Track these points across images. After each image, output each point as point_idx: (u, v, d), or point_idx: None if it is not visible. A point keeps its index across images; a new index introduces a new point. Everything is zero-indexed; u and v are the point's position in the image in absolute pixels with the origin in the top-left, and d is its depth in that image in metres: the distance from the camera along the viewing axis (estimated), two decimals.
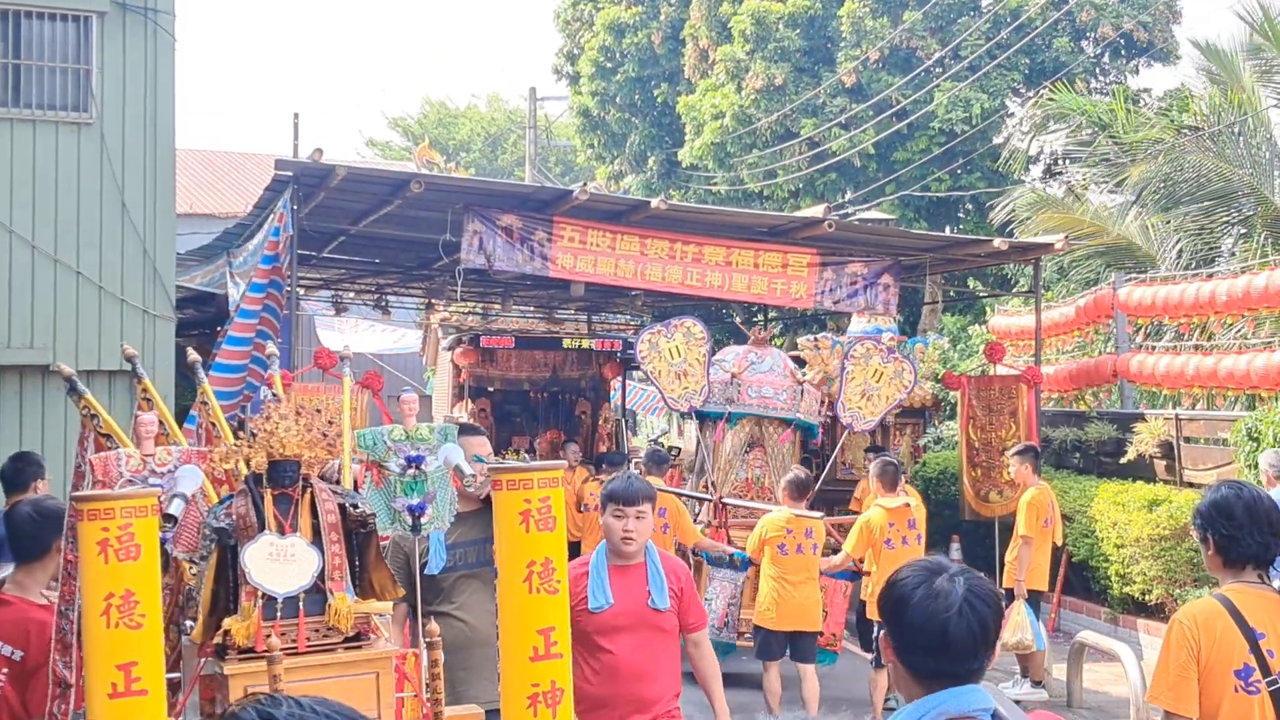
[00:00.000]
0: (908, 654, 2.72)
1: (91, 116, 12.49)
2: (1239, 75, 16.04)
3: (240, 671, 3.23)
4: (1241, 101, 15.51)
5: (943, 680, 2.67)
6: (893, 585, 2.78)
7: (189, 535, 3.57)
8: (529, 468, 3.33)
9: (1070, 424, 14.62)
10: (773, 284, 13.49)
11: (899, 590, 2.75)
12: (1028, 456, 11.05)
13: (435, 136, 47.43)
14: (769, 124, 22.98)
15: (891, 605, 2.77)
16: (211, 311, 15.76)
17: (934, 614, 2.67)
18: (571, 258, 12.79)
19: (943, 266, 17.17)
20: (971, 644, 2.67)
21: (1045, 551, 10.71)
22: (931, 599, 2.69)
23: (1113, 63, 22.64)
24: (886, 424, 16.67)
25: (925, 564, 2.81)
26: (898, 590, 2.76)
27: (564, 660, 3.31)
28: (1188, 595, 11.11)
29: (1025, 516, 10.60)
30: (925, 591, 2.70)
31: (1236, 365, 12.19)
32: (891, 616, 2.77)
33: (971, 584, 2.73)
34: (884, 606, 2.81)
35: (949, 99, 20.99)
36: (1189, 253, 15.71)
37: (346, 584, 3.42)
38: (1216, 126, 15.27)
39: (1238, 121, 15.41)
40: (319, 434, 3.38)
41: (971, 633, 2.67)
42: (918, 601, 2.70)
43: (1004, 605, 3.58)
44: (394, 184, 12.70)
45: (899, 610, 2.73)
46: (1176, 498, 11.68)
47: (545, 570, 3.28)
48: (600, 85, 27.12)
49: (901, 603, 2.73)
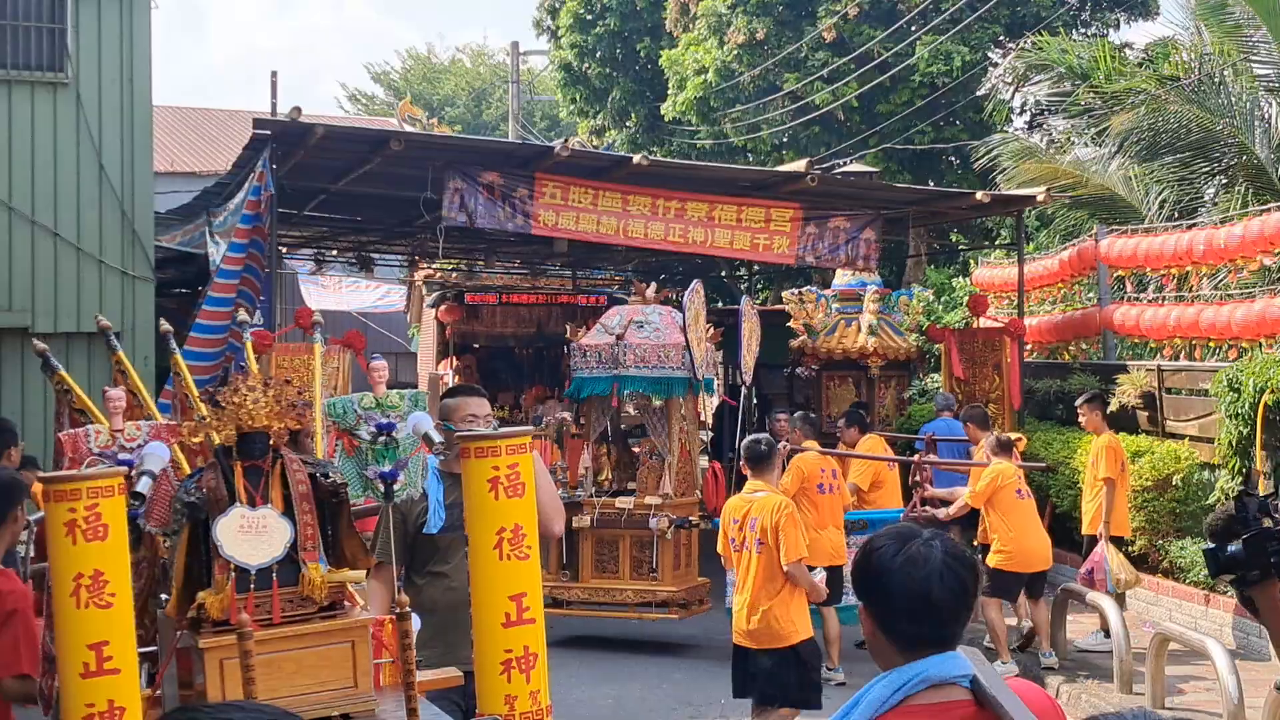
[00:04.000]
0: (890, 622, 2.72)
1: (67, 76, 12.40)
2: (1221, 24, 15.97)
3: (215, 645, 3.24)
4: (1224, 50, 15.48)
5: (924, 647, 2.68)
6: (869, 555, 2.77)
7: (161, 509, 3.56)
8: (496, 435, 3.33)
9: (1053, 375, 14.67)
10: (755, 239, 13.47)
11: (877, 559, 2.74)
12: (1096, 404, 11.11)
13: (419, 91, 47.15)
14: (751, 78, 22.85)
15: (870, 575, 2.76)
16: (192, 271, 15.71)
17: (915, 579, 2.67)
18: (554, 214, 12.76)
19: (926, 219, 17.18)
20: (953, 606, 2.68)
21: (1125, 497, 10.76)
22: (911, 564, 2.69)
23: (1094, 15, 22.54)
24: (872, 377, 16.74)
25: (897, 531, 2.82)
26: (875, 559, 2.75)
27: (536, 625, 3.32)
28: (1170, 546, 11.20)
29: (1106, 460, 10.56)
30: (904, 558, 2.70)
31: (1218, 316, 12.22)
32: (871, 587, 2.76)
33: (947, 547, 2.74)
34: (862, 578, 2.79)
35: (930, 52, 20.88)
36: (1171, 203, 15.70)
37: (320, 554, 3.41)
38: (1198, 77, 15.22)
39: (1219, 71, 15.38)
40: (289, 404, 3.37)
41: (954, 595, 2.68)
42: (898, 568, 2.69)
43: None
44: (374, 142, 12.66)
45: (879, 579, 2.73)
46: (1159, 449, 11.73)
47: (515, 537, 3.29)
48: (580, 39, 26.91)
49: (881, 571, 2.72)
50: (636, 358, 10.80)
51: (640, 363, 10.82)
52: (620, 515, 10.87)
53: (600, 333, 11.14)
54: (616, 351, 10.79)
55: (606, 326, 11.13)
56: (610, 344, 10.84)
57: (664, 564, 10.94)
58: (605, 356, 10.87)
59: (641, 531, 10.91)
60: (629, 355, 10.80)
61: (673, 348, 10.93)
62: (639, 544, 11.00)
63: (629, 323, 11.01)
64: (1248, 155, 14.65)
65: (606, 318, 11.37)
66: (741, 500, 7.83)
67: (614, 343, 10.80)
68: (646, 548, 10.98)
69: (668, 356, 10.90)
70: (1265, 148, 14.64)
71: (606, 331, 11.01)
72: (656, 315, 11.26)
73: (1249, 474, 10.31)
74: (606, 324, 11.19)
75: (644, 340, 10.90)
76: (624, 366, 10.80)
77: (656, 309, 11.46)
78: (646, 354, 10.83)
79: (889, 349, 16.60)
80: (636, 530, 10.93)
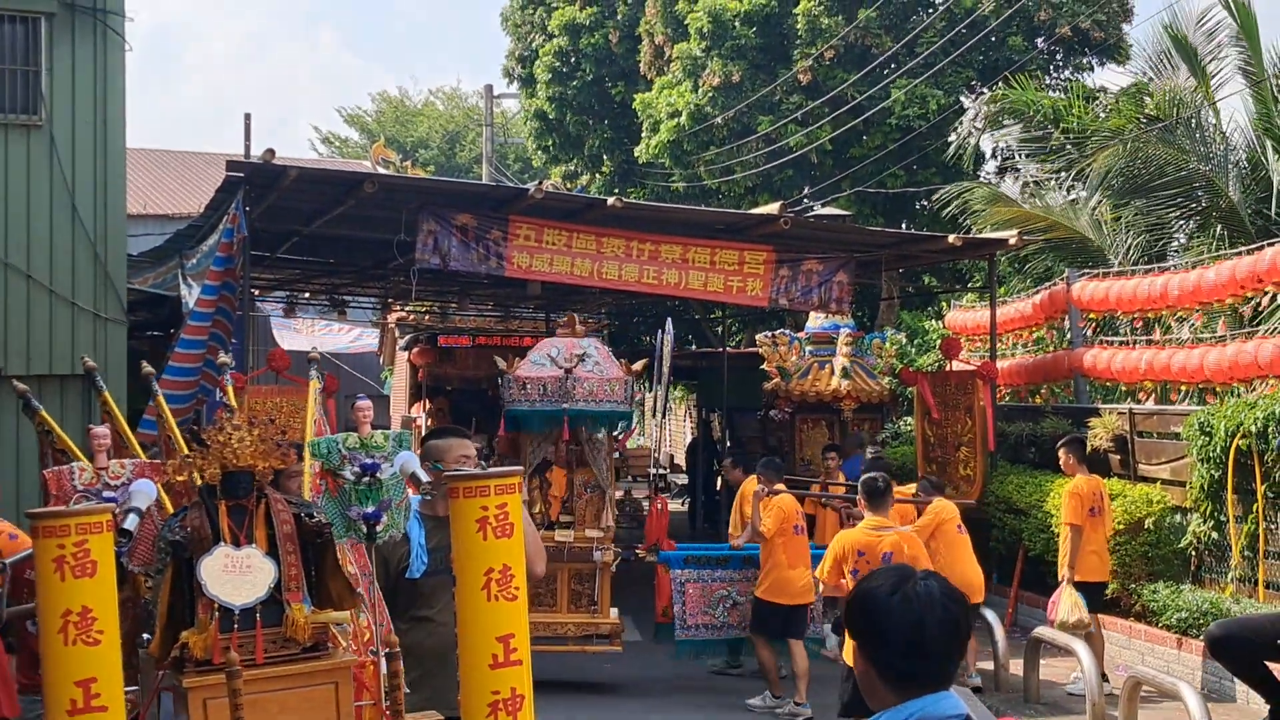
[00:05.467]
0: (885, 661, 2.72)
1: (41, 118, 12.37)
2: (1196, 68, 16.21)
3: (199, 684, 3.21)
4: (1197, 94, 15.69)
5: (919, 686, 2.68)
6: (864, 594, 2.78)
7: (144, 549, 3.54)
8: (485, 474, 3.33)
9: (1025, 419, 14.73)
10: (728, 282, 13.49)
11: (873, 598, 2.75)
12: (1073, 447, 11.22)
13: (393, 134, 47.25)
14: (726, 121, 23.00)
15: (866, 614, 2.75)
16: (165, 313, 15.63)
17: (911, 618, 2.68)
18: (527, 257, 12.75)
19: (899, 263, 17.26)
20: (948, 645, 2.70)
21: (1094, 541, 10.74)
22: (907, 603, 2.69)
23: (1067, 60, 22.80)
24: (845, 420, 16.79)
25: (892, 571, 2.83)
26: (872, 599, 2.75)
27: (524, 667, 3.31)
28: (1143, 590, 11.23)
29: (1068, 505, 10.72)
30: (900, 596, 2.71)
31: (1189, 359, 12.32)
32: (867, 625, 2.76)
33: (942, 586, 2.75)
34: (858, 617, 2.79)
35: (904, 95, 21.09)
36: (1141, 248, 15.85)
37: (304, 594, 3.40)
38: (1172, 119, 15.40)
39: (1193, 114, 15.57)
40: (273, 444, 3.36)
41: (948, 633, 2.69)
42: (895, 607, 2.70)
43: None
44: (347, 184, 12.63)
45: (875, 618, 2.73)
46: (1131, 492, 11.78)
47: (504, 577, 3.28)
48: (557, 90, 27.07)
49: (877, 609, 2.73)
50: (586, 391, 10.82)
51: (590, 396, 10.84)
52: (562, 549, 10.81)
53: (542, 365, 10.99)
54: (567, 384, 10.77)
55: (554, 359, 11.03)
56: (558, 376, 10.80)
57: (603, 597, 10.95)
58: (552, 389, 10.82)
59: (583, 564, 10.90)
60: (579, 388, 10.80)
61: (616, 381, 10.99)
62: (578, 577, 10.99)
63: (573, 356, 10.99)
64: (1221, 197, 14.81)
65: (543, 350, 11.23)
66: (866, 534, 8.25)
67: (562, 375, 10.79)
68: (586, 581, 10.98)
69: (613, 390, 10.95)
70: (1238, 190, 14.81)
71: (555, 364, 10.93)
72: (594, 348, 11.27)
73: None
74: (552, 356, 11.06)
75: (591, 374, 10.89)
76: (574, 400, 10.78)
77: (592, 342, 11.47)
78: (595, 388, 10.85)
79: (862, 392, 16.67)
80: (577, 563, 10.91)
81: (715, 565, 11.03)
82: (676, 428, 37.72)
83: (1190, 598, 10.59)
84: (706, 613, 10.97)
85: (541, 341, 11.60)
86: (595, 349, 11.25)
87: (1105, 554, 10.92)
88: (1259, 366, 11.25)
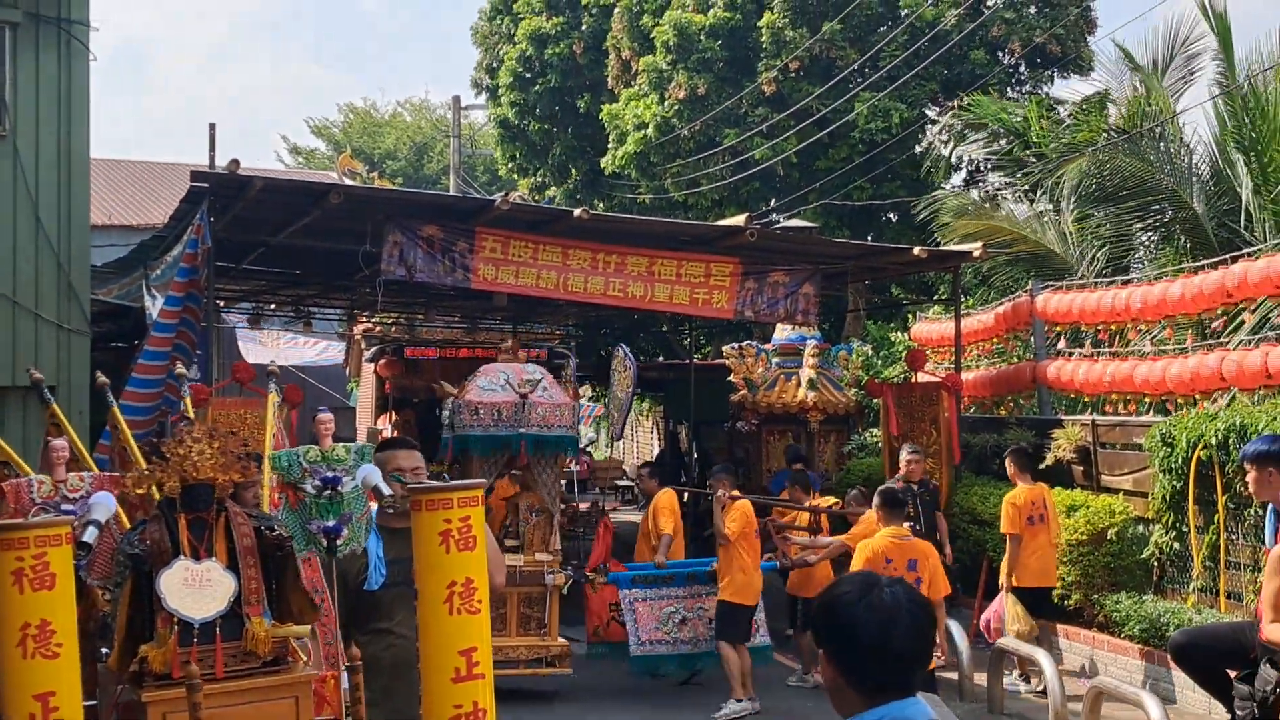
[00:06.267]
0: (854, 668, 2.74)
1: (4, 128, 12.29)
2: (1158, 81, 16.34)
3: (158, 698, 3.19)
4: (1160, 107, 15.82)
5: (887, 692, 2.71)
6: (832, 602, 2.80)
7: (103, 562, 3.52)
8: (449, 487, 3.32)
9: (990, 430, 14.78)
10: (694, 294, 13.51)
11: (841, 606, 2.77)
12: (1015, 457, 11.50)
13: (360, 145, 47.13)
14: (692, 134, 23.06)
15: (834, 621, 2.77)
16: (129, 325, 15.53)
17: (880, 624, 2.70)
18: (493, 268, 12.74)
19: (865, 274, 17.32)
20: (915, 651, 2.73)
21: (1036, 548, 10.94)
22: (875, 610, 2.72)
23: (1029, 73, 22.97)
24: (811, 431, 16.83)
25: (860, 578, 2.84)
26: (840, 606, 2.77)
27: (486, 680, 3.30)
28: (1105, 600, 11.29)
29: (1004, 514, 11.03)
30: (868, 604, 2.73)
31: (1152, 371, 12.39)
32: (835, 633, 2.78)
33: (909, 593, 2.78)
34: (825, 625, 2.80)
35: (869, 108, 21.19)
36: (1104, 259, 15.95)
37: (264, 608, 3.38)
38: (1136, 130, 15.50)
39: (1158, 125, 15.69)
40: (233, 457, 3.34)
41: (916, 640, 2.72)
42: (862, 614, 2.72)
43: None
44: (313, 195, 12.58)
45: (844, 626, 2.75)
46: (1094, 503, 11.84)
47: (466, 590, 3.27)
48: (520, 96, 27.11)
49: (845, 617, 2.74)
50: (540, 417, 10.91)
51: (543, 422, 10.94)
52: (513, 572, 10.78)
53: (494, 390, 11.03)
54: (524, 410, 10.84)
55: (509, 383, 11.08)
56: (513, 401, 10.85)
57: (552, 620, 10.98)
58: (507, 414, 10.85)
59: (533, 588, 10.92)
60: (534, 414, 10.88)
61: (566, 407, 11.16)
62: (528, 600, 10.99)
63: (524, 382, 11.05)
64: (1185, 209, 14.91)
65: (491, 375, 11.25)
66: (891, 542, 8.58)
67: (518, 401, 10.84)
68: (536, 604, 11.00)
69: (563, 416, 11.11)
70: (1202, 202, 14.92)
71: (512, 389, 10.99)
72: (541, 373, 11.38)
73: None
74: (505, 381, 11.10)
75: (544, 400, 11.00)
76: (530, 425, 10.88)
77: (537, 368, 11.57)
78: (547, 414, 10.96)
79: (828, 403, 16.72)
80: (527, 587, 10.92)
81: (662, 583, 11.17)
82: (644, 440, 37.73)
83: (1153, 608, 10.65)
84: (658, 629, 11.08)
85: (485, 366, 11.58)
86: (543, 374, 11.36)
87: (1050, 560, 11.09)
88: (1221, 379, 11.34)
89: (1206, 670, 7.21)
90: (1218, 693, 7.07)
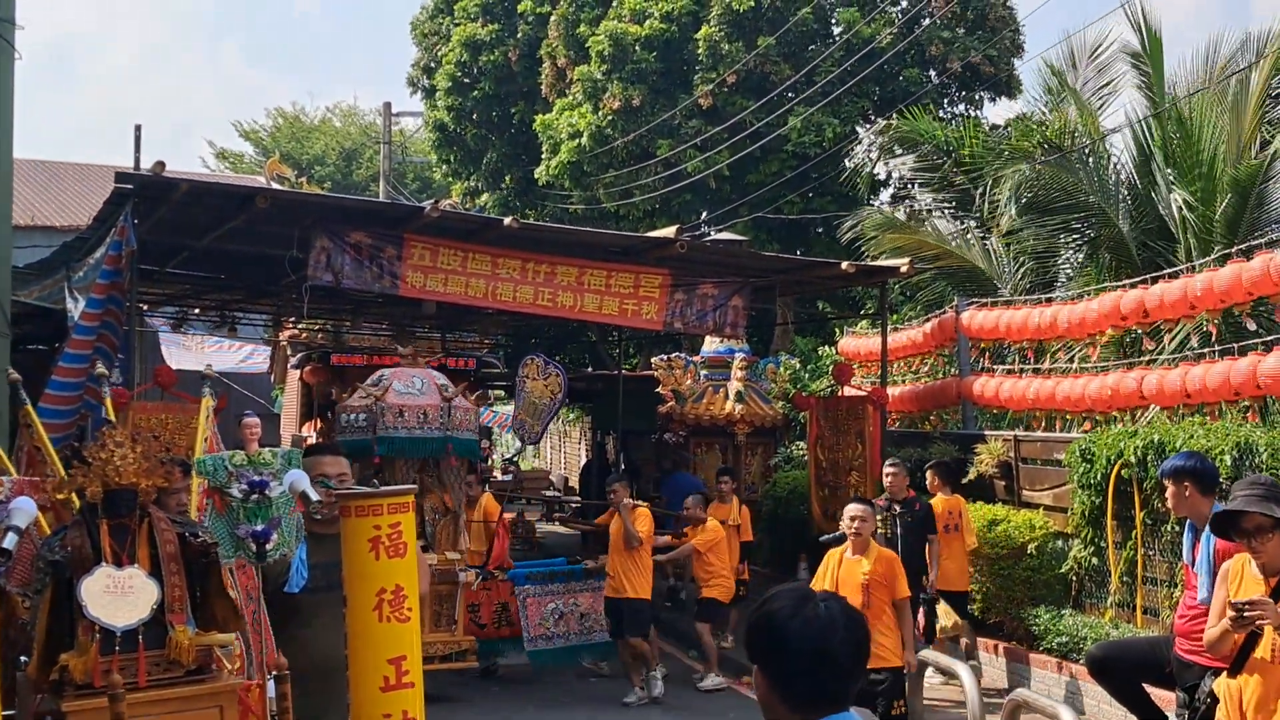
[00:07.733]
0: (788, 681, 2.72)
1: None
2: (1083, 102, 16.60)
3: (79, 708, 3.14)
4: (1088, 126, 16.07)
5: (822, 706, 2.70)
6: (767, 617, 2.78)
7: (23, 569, 3.45)
8: (378, 493, 3.29)
9: (915, 444, 14.91)
10: (624, 305, 13.52)
11: (776, 620, 2.75)
12: (936, 469, 12.05)
13: (289, 150, 46.70)
14: (625, 144, 23.10)
15: (768, 635, 2.75)
16: (50, 327, 15.24)
17: (814, 637, 2.70)
18: (422, 276, 12.66)
19: (793, 288, 17.42)
20: (850, 664, 2.72)
21: (952, 555, 11.43)
22: (809, 623, 2.71)
23: (961, 93, 23.27)
24: (739, 443, 16.90)
25: (792, 591, 2.83)
26: (775, 620, 2.75)
27: (416, 689, 3.28)
28: (1025, 613, 11.42)
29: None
30: (801, 618, 2.73)
31: (1073, 388, 12.58)
32: (768, 647, 2.76)
33: (843, 606, 2.78)
34: (759, 638, 2.78)
35: (802, 123, 21.35)
36: (1030, 277, 16.17)
37: (188, 616, 3.33)
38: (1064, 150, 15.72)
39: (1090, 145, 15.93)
40: (157, 461, 3.29)
41: (850, 652, 2.72)
42: (797, 627, 2.71)
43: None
44: (239, 198, 12.43)
45: (777, 639, 2.73)
46: (1015, 517, 11.98)
47: (396, 598, 3.25)
48: (456, 100, 27.00)
49: (780, 630, 2.73)
50: (459, 420, 11.30)
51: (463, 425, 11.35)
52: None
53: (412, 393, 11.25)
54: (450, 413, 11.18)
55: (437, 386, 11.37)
56: (439, 405, 11.17)
57: (462, 617, 11.30)
58: (434, 417, 11.16)
59: (443, 586, 11.09)
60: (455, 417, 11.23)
61: (473, 412, 11.67)
62: (439, 598, 11.13)
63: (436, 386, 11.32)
64: (1110, 227, 15.13)
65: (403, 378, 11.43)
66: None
67: (443, 405, 11.16)
68: (446, 602, 11.20)
69: (472, 421, 11.61)
70: (1127, 220, 15.16)
71: (438, 393, 11.28)
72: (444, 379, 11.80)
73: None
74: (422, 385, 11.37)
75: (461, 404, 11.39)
76: (455, 428, 11.24)
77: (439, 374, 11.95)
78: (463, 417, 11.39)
79: (756, 416, 16.81)
80: (437, 585, 11.04)
81: (548, 580, 12.07)
82: (571, 450, 37.68)
83: (1071, 622, 10.79)
84: (540, 624, 11.81)
85: (391, 369, 11.69)
86: (446, 379, 11.77)
87: (964, 566, 11.58)
88: (1141, 396, 11.54)
89: (1123, 684, 7.33)
90: (1134, 706, 7.18)
